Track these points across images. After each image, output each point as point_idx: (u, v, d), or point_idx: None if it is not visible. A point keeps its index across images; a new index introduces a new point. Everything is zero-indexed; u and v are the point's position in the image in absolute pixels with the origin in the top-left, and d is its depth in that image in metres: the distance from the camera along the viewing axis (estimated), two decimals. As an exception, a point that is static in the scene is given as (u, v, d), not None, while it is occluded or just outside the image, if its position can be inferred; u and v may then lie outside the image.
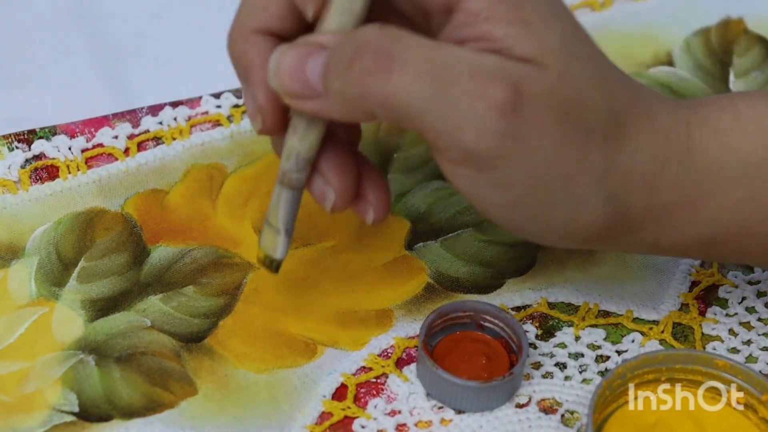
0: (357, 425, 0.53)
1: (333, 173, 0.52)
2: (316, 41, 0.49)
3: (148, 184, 0.61)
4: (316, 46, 0.49)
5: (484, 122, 0.47)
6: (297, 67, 0.49)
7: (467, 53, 0.47)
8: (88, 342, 0.55)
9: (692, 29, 0.72)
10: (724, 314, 0.58)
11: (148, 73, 0.68)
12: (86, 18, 0.71)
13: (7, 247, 0.58)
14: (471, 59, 0.47)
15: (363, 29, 0.48)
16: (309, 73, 0.49)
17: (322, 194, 0.52)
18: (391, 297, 0.58)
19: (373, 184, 0.53)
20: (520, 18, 0.47)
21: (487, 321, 0.55)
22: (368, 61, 0.47)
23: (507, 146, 0.47)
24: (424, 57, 0.47)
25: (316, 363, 0.55)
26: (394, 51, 0.47)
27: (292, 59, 0.49)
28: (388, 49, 0.47)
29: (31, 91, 0.67)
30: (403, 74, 0.47)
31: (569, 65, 0.48)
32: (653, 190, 0.51)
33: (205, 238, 0.59)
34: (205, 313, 0.57)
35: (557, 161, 0.48)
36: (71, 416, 0.52)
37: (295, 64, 0.49)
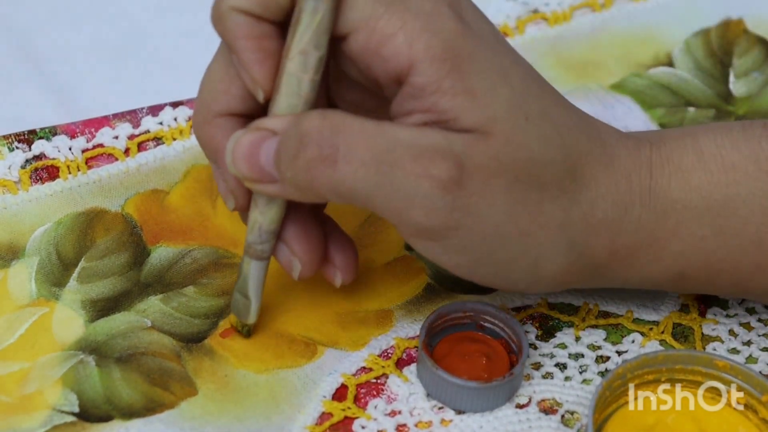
0: (357, 426, 0.53)
1: (298, 244, 0.53)
2: (267, 127, 0.50)
3: (149, 184, 0.61)
4: (267, 132, 0.50)
5: (430, 200, 0.48)
6: (251, 155, 0.50)
7: (409, 133, 0.48)
8: (89, 342, 0.55)
9: (692, 30, 0.72)
10: (724, 315, 0.58)
11: (148, 73, 0.68)
12: (86, 18, 0.71)
13: (7, 247, 0.58)
14: (413, 139, 0.48)
15: (307, 118, 0.49)
16: (263, 161, 0.50)
17: (288, 264, 0.53)
18: (391, 297, 0.58)
19: (339, 248, 0.54)
20: (464, 89, 0.48)
21: (487, 321, 0.55)
22: (313, 153, 0.48)
23: (456, 219, 0.49)
24: (366, 144, 0.48)
25: (316, 363, 0.55)
26: (337, 141, 0.48)
27: (246, 146, 0.50)
28: (331, 140, 0.48)
29: (31, 91, 0.67)
30: (348, 164, 0.48)
31: (517, 128, 0.49)
32: (616, 233, 0.51)
33: (205, 239, 0.59)
34: (205, 313, 0.57)
35: (510, 222, 0.49)
36: (71, 416, 0.52)
37: (249, 151, 0.50)
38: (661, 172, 0.52)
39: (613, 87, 0.69)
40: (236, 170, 0.50)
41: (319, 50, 0.49)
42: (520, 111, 0.49)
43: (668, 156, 0.52)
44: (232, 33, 0.50)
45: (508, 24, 0.71)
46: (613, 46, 0.71)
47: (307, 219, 0.53)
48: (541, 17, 0.72)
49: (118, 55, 0.69)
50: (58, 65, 0.68)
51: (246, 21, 0.50)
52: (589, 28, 0.72)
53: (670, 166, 0.52)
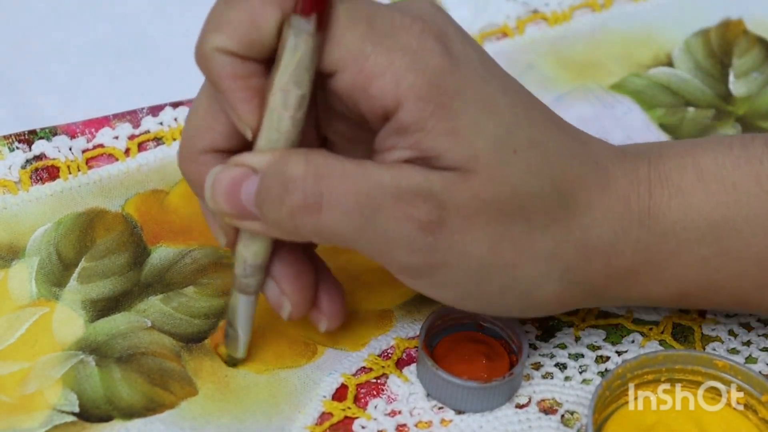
0: (357, 426, 0.53)
1: (288, 284, 0.52)
2: (247, 164, 0.49)
3: (149, 184, 0.61)
4: (247, 169, 0.49)
5: (412, 241, 0.49)
6: (231, 192, 0.49)
7: (390, 174, 0.48)
8: (89, 342, 0.55)
9: (692, 30, 0.72)
10: (723, 315, 0.58)
11: (148, 73, 0.68)
12: (86, 18, 0.71)
13: (7, 247, 0.58)
14: (394, 181, 0.48)
15: (290, 162, 0.48)
16: (243, 199, 0.49)
17: (278, 303, 0.53)
18: (391, 297, 0.58)
19: (327, 293, 0.54)
20: (447, 129, 0.48)
21: (487, 321, 0.55)
22: (297, 200, 0.48)
23: (439, 257, 0.49)
24: (349, 190, 0.48)
25: (316, 363, 0.55)
26: (321, 189, 0.48)
27: (226, 184, 0.50)
28: (315, 188, 0.48)
29: (31, 91, 0.67)
30: (331, 211, 0.48)
31: (502, 163, 0.49)
32: (613, 256, 0.51)
33: (205, 239, 0.59)
34: (205, 313, 0.57)
35: (494, 256, 0.49)
36: (72, 416, 0.52)
37: (229, 188, 0.49)
38: (661, 193, 0.51)
39: (613, 87, 0.69)
40: (215, 206, 0.50)
41: (300, 88, 0.48)
42: (508, 144, 0.49)
43: (667, 175, 0.51)
44: (216, 73, 0.49)
45: (508, 24, 0.71)
46: (613, 46, 0.71)
47: (299, 259, 0.53)
48: (541, 17, 0.72)
49: (118, 55, 0.69)
50: (58, 65, 0.68)
51: (231, 61, 0.49)
52: (589, 28, 0.72)
53: (669, 186, 0.51)
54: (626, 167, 0.52)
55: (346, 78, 0.49)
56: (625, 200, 0.51)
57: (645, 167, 0.52)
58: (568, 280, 0.51)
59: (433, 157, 0.48)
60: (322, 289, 0.54)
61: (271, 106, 0.49)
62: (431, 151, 0.48)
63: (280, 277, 0.52)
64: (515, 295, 0.51)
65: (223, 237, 0.52)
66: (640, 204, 0.51)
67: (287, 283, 0.52)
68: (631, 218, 0.51)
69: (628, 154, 0.52)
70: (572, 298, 0.52)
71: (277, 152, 0.49)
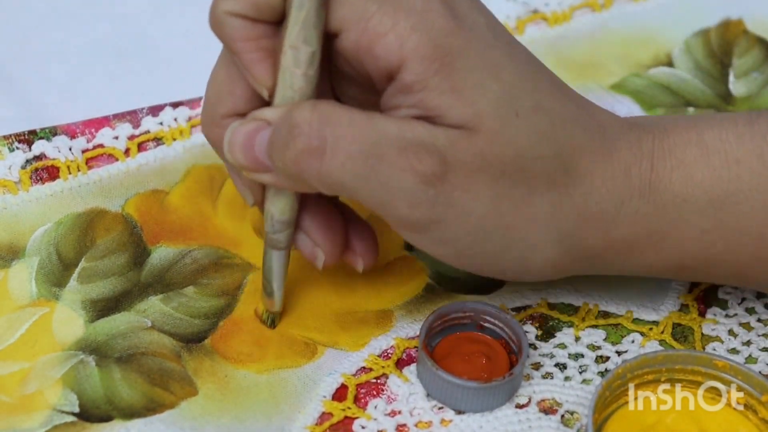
0: (357, 426, 0.53)
1: (319, 234, 0.54)
2: (263, 117, 0.50)
3: (149, 184, 0.61)
4: (263, 122, 0.50)
5: (413, 194, 0.49)
6: (247, 144, 0.51)
7: (397, 126, 0.49)
8: (89, 342, 0.55)
9: (692, 30, 0.72)
10: (723, 315, 0.58)
11: (148, 73, 0.68)
12: (86, 18, 0.71)
13: (7, 247, 0.58)
14: (399, 133, 0.49)
15: (298, 108, 0.49)
16: (257, 150, 0.50)
17: (312, 254, 0.54)
18: (391, 297, 0.58)
19: (359, 235, 0.55)
20: (451, 87, 0.49)
21: (487, 321, 0.55)
22: (301, 144, 0.49)
23: (439, 212, 0.50)
24: (354, 137, 0.49)
25: (316, 363, 0.55)
26: (325, 133, 0.49)
27: (242, 136, 0.51)
28: (319, 132, 0.49)
29: (31, 91, 0.67)
30: (335, 157, 0.49)
31: (505, 124, 0.49)
32: (612, 225, 0.52)
33: (205, 239, 0.59)
34: (205, 313, 0.57)
35: (494, 216, 0.50)
36: (72, 416, 0.52)
37: (245, 141, 0.51)
38: (663, 165, 0.52)
39: (613, 87, 0.69)
40: (233, 159, 0.51)
41: (309, 45, 0.49)
42: (510, 106, 0.49)
43: (671, 149, 0.52)
44: (229, 36, 0.51)
45: (508, 24, 0.71)
46: (613, 46, 0.71)
47: (326, 209, 0.54)
48: (541, 17, 0.72)
49: (118, 55, 0.69)
50: (58, 65, 0.68)
51: (242, 24, 0.50)
52: (589, 28, 0.72)
53: (672, 160, 0.52)
54: (631, 138, 0.52)
55: (351, 38, 0.49)
56: (626, 170, 0.51)
57: (649, 140, 0.52)
58: (566, 246, 0.51)
59: (437, 115, 0.49)
60: (352, 232, 0.55)
61: (283, 65, 0.50)
62: (435, 110, 0.49)
63: (310, 228, 0.54)
64: (511, 258, 0.51)
65: (250, 196, 0.54)
66: (641, 175, 0.52)
67: (318, 234, 0.54)
68: (631, 188, 0.51)
69: (634, 126, 0.53)
70: (568, 264, 0.52)
71: (291, 104, 0.50)
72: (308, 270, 0.58)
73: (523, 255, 0.51)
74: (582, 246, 0.52)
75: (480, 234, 0.50)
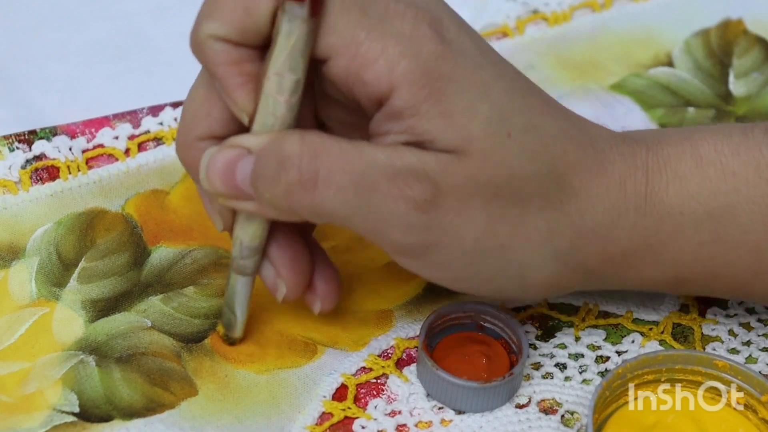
0: (357, 426, 0.53)
1: (284, 265, 0.53)
2: (242, 144, 0.50)
3: (149, 184, 0.61)
4: (242, 150, 0.50)
5: (406, 220, 0.49)
6: (226, 172, 0.50)
7: (386, 154, 0.49)
8: (89, 342, 0.55)
9: (692, 30, 0.72)
10: (723, 315, 0.58)
11: (148, 73, 0.68)
12: (86, 18, 0.71)
13: (7, 247, 0.58)
14: (389, 161, 0.49)
15: (287, 141, 0.49)
16: (239, 179, 0.50)
17: (274, 285, 0.53)
18: (391, 297, 0.58)
19: (323, 276, 0.54)
20: (440, 112, 0.48)
21: (487, 321, 0.55)
22: (293, 177, 0.48)
23: (432, 237, 0.49)
24: (344, 168, 0.48)
25: (316, 363, 0.55)
26: (317, 166, 0.48)
27: (221, 164, 0.50)
28: (311, 165, 0.48)
29: (31, 91, 0.67)
30: (327, 189, 0.48)
31: (496, 146, 0.49)
32: (609, 240, 0.51)
33: (205, 239, 0.59)
34: (205, 313, 0.57)
35: (488, 237, 0.50)
36: (72, 416, 0.52)
37: (224, 169, 0.50)
38: (659, 178, 0.52)
39: (613, 87, 0.69)
40: (209, 186, 0.50)
41: (294, 73, 0.49)
42: (502, 128, 0.49)
43: (666, 161, 0.52)
44: (211, 60, 0.50)
45: (508, 24, 0.71)
46: (613, 46, 0.71)
47: (295, 242, 0.53)
48: (541, 17, 0.72)
49: (118, 55, 0.69)
50: (58, 65, 0.68)
51: (225, 48, 0.49)
52: (589, 28, 0.72)
53: (667, 173, 0.52)
54: (624, 152, 0.52)
55: (341, 64, 0.49)
56: (621, 185, 0.51)
57: (643, 153, 0.52)
58: (563, 263, 0.51)
59: (428, 140, 0.49)
60: (317, 272, 0.54)
61: (266, 91, 0.49)
62: (425, 135, 0.49)
63: (276, 259, 0.53)
64: (509, 277, 0.51)
65: (220, 221, 0.53)
66: (636, 189, 0.51)
67: (283, 266, 0.53)
68: (627, 203, 0.51)
69: (627, 140, 0.53)
70: (566, 281, 0.52)
71: (273, 134, 0.49)
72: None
73: (520, 274, 0.51)
74: (579, 262, 0.52)
75: (475, 256, 0.50)
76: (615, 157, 0.52)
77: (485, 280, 0.51)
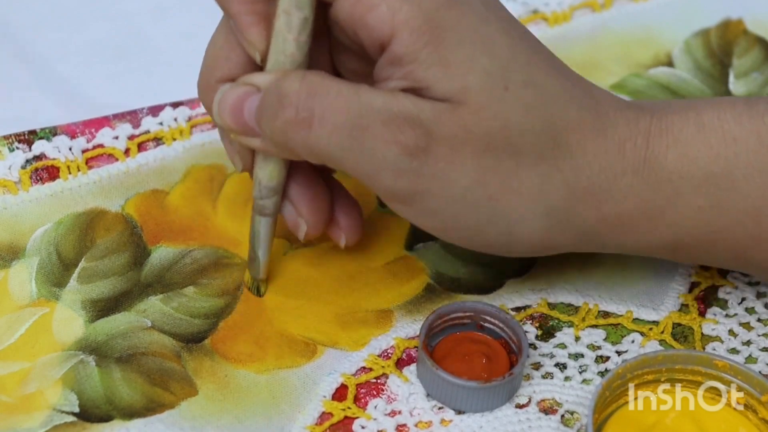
0: (357, 426, 0.53)
1: (304, 204, 0.54)
2: (253, 82, 0.51)
3: (149, 184, 0.61)
4: (252, 87, 0.51)
5: (397, 165, 0.50)
6: (236, 108, 0.52)
7: (383, 99, 0.50)
8: (89, 342, 0.55)
9: (692, 30, 0.72)
10: (723, 315, 0.58)
11: (148, 73, 0.68)
12: (86, 18, 0.71)
13: (7, 247, 0.58)
14: (385, 105, 0.49)
15: (287, 79, 0.50)
16: (246, 115, 0.51)
17: (295, 224, 0.55)
18: (391, 297, 0.58)
19: (344, 210, 0.56)
20: (439, 60, 0.49)
21: (487, 321, 0.55)
22: (290, 114, 0.50)
23: (422, 184, 0.50)
24: (341, 108, 0.49)
25: (316, 363, 0.55)
26: (313, 105, 0.49)
27: (231, 100, 0.52)
28: (308, 103, 0.49)
29: (31, 91, 0.67)
30: (322, 127, 0.50)
31: (492, 98, 0.50)
32: (604, 200, 0.52)
33: (205, 239, 0.59)
34: (205, 313, 0.57)
35: (478, 188, 0.50)
36: (72, 416, 0.52)
37: (235, 105, 0.52)
38: (659, 142, 0.52)
39: (613, 87, 0.69)
40: (221, 122, 0.52)
41: (301, 10, 0.50)
42: (500, 81, 0.50)
43: (668, 127, 0.52)
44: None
45: (508, 24, 0.71)
46: (613, 46, 0.71)
47: (314, 180, 0.55)
48: (541, 17, 0.72)
49: (118, 55, 0.69)
50: (58, 65, 0.68)
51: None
52: (589, 28, 0.72)
53: (668, 137, 0.52)
54: (628, 116, 0.52)
55: (345, 7, 0.50)
56: (620, 146, 0.52)
57: (646, 119, 0.52)
58: (554, 219, 0.52)
59: (424, 87, 0.50)
60: (338, 207, 0.56)
61: (276, 29, 0.51)
62: (422, 82, 0.49)
63: (296, 198, 0.54)
64: (498, 230, 0.52)
65: (240, 161, 0.55)
66: (636, 152, 0.52)
67: (303, 204, 0.54)
68: (624, 165, 0.52)
69: (632, 106, 0.53)
70: (557, 240, 0.53)
71: (280, 71, 0.51)
72: (309, 269, 0.58)
73: (509, 228, 0.52)
74: (572, 220, 0.52)
75: (465, 205, 0.51)
76: (618, 120, 0.52)
77: (473, 231, 0.52)
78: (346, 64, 0.54)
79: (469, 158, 0.50)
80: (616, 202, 0.52)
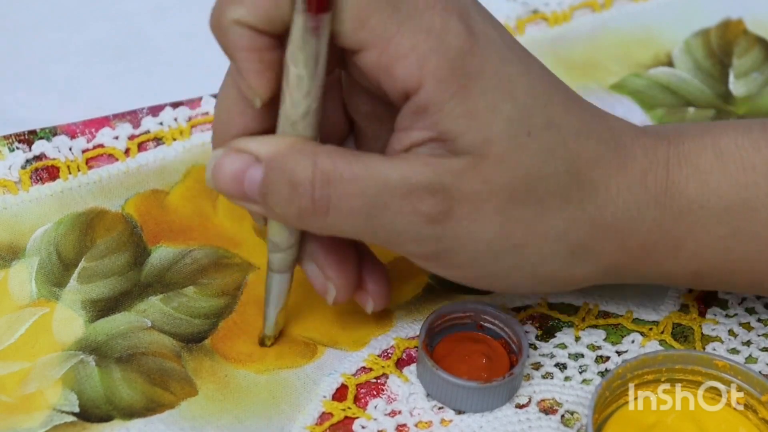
0: (357, 426, 0.53)
1: (332, 269, 0.53)
2: (250, 151, 0.50)
3: (149, 184, 0.61)
4: (250, 157, 0.50)
5: (419, 233, 0.50)
6: (235, 177, 0.50)
7: (399, 171, 0.49)
8: (89, 342, 0.55)
9: (692, 30, 0.72)
10: (723, 315, 0.58)
11: (148, 73, 0.68)
12: (86, 18, 0.71)
13: (7, 247, 0.58)
14: (403, 178, 0.49)
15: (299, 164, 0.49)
16: (247, 187, 0.50)
17: (323, 288, 0.54)
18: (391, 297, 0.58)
19: (372, 275, 0.55)
20: (465, 111, 0.48)
21: (487, 321, 0.55)
22: (305, 204, 0.49)
23: (446, 244, 0.50)
24: (357, 193, 0.49)
25: (316, 363, 0.55)
26: (328, 193, 0.49)
27: (229, 169, 0.50)
28: (323, 192, 0.49)
29: (31, 91, 0.67)
30: (339, 213, 0.49)
31: (515, 146, 0.49)
32: (627, 234, 0.51)
33: (205, 239, 0.59)
34: (205, 313, 0.57)
35: (504, 239, 0.50)
36: (72, 416, 0.52)
37: (233, 174, 0.50)
38: (679, 172, 0.52)
39: (613, 87, 0.69)
40: (218, 188, 0.51)
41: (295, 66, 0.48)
42: (522, 126, 0.49)
43: (686, 155, 0.52)
44: (233, 45, 0.49)
45: (508, 24, 0.71)
46: (613, 46, 0.71)
47: (341, 244, 0.53)
48: (541, 17, 0.72)
49: (118, 55, 0.69)
50: (58, 65, 0.68)
51: (247, 34, 0.49)
52: (589, 28, 0.72)
53: (688, 166, 0.52)
54: (646, 145, 0.52)
55: (371, 57, 0.49)
56: (642, 179, 0.51)
57: (664, 147, 0.52)
58: (580, 258, 0.51)
59: (450, 139, 0.49)
60: (366, 271, 0.55)
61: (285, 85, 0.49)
62: (448, 134, 0.49)
63: (323, 262, 0.53)
64: (522, 274, 0.51)
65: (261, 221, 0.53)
66: (657, 183, 0.51)
67: (331, 268, 0.53)
68: (647, 197, 0.51)
69: (648, 133, 0.53)
70: (582, 275, 0.52)
71: (281, 144, 0.49)
72: (308, 270, 0.58)
73: (533, 270, 0.51)
74: (598, 256, 0.52)
75: (490, 257, 0.50)
76: (637, 151, 0.52)
77: (500, 277, 0.51)
78: (359, 107, 0.54)
79: (491, 213, 0.49)
80: (640, 235, 0.51)
